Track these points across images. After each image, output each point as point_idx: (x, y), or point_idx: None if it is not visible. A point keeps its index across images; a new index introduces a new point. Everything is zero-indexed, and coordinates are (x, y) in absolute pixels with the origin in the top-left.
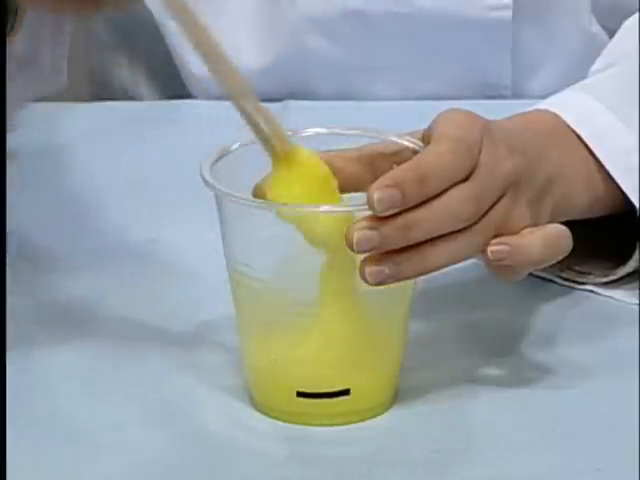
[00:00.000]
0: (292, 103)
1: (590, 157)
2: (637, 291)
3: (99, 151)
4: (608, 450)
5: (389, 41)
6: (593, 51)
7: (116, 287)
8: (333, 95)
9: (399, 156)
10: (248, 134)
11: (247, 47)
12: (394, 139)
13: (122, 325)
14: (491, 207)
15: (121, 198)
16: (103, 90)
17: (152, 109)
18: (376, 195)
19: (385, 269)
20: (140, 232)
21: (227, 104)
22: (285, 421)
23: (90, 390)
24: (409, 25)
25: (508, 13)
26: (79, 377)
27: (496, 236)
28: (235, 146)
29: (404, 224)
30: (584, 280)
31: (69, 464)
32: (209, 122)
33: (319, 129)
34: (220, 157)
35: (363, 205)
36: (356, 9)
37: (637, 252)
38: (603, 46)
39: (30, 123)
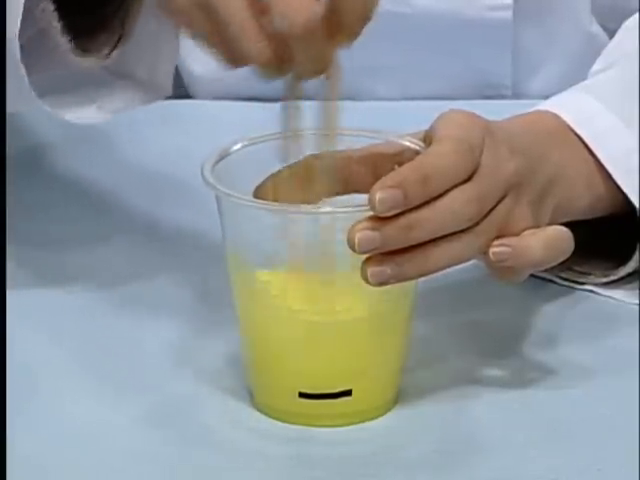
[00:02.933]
0: (292, 103)
1: (591, 158)
2: (637, 291)
3: (99, 151)
4: (608, 450)
5: (389, 41)
6: (593, 51)
7: (115, 287)
8: None
9: (401, 156)
10: (249, 135)
11: None
12: (395, 139)
13: (122, 325)
14: (493, 208)
15: (121, 198)
16: None
17: (152, 109)
18: (378, 195)
19: (387, 270)
20: (140, 232)
21: (227, 104)
22: (287, 422)
23: (90, 390)
24: (409, 25)
25: (509, 13)
26: (79, 378)
27: (497, 237)
28: (236, 147)
29: (406, 224)
30: (584, 280)
31: (69, 464)
32: (209, 122)
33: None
34: (221, 158)
35: (364, 206)
36: None
37: (637, 252)
38: (603, 46)
39: (33, 122)
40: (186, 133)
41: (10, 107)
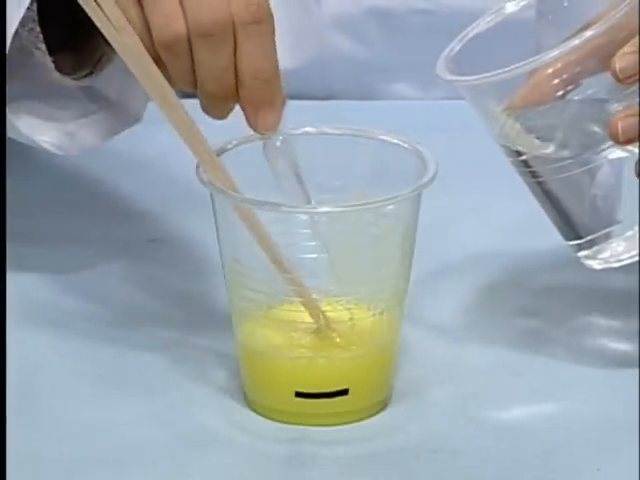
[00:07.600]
0: (292, 103)
1: None
2: None
3: (99, 150)
4: (608, 450)
5: (411, 39)
6: None
7: (115, 287)
8: (354, 95)
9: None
10: (245, 134)
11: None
12: (387, 138)
13: (120, 325)
14: None
15: (121, 197)
16: None
17: (152, 109)
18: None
19: None
20: (139, 232)
21: None
22: (284, 421)
23: (88, 392)
24: (432, 23)
25: (532, 12)
26: (77, 379)
27: None
28: (231, 145)
29: None
30: None
31: (68, 464)
32: (209, 122)
33: (308, 128)
34: (216, 155)
35: (361, 204)
36: (380, 6)
37: None
38: None
39: None
40: None
41: None
